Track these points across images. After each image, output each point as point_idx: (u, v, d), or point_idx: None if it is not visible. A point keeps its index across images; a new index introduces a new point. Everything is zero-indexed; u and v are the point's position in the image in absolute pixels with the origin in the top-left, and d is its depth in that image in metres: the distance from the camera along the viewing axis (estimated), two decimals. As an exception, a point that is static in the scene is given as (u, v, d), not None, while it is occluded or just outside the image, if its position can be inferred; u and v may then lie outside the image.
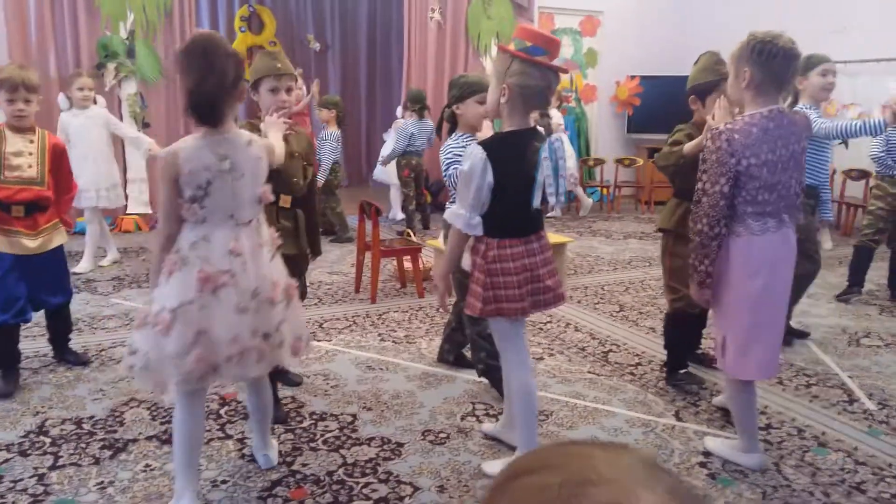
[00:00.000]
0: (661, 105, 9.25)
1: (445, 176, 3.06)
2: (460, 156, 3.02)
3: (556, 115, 7.32)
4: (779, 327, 2.51)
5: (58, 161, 3.19)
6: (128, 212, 6.97)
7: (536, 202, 2.30)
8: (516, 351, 2.46)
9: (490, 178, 2.24)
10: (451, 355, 3.51)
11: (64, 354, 3.48)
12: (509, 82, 2.27)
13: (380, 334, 4.00)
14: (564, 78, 7.14)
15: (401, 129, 6.67)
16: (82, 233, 5.53)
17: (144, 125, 6.74)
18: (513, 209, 2.31)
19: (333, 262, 5.75)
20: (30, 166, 3.06)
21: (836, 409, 3.10)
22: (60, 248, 3.27)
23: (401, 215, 6.94)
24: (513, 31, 8.60)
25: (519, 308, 2.33)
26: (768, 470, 2.57)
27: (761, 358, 2.45)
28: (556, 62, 2.27)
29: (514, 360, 2.45)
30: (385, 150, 7.16)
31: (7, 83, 2.96)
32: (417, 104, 6.64)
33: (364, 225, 4.84)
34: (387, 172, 7.17)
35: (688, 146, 2.92)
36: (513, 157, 2.27)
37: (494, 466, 2.53)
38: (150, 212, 6.90)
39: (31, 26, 6.49)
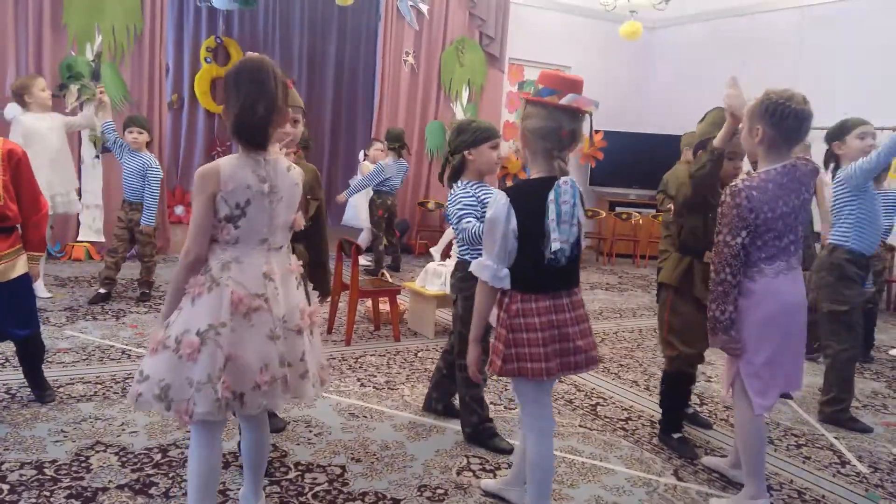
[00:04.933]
0: (624, 160, 9.42)
1: (456, 230, 2.94)
2: (471, 206, 2.91)
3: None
4: (797, 363, 2.60)
5: (15, 170, 2.81)
6: (79, 239, 6.64)
7: (548, 252, 2.11)
8: (539, 416, 2.28)
9: (514, 224, 2.11)
10: (440, 404, 3.35)
11: (37, 386, 3.18)
12: (522, 127, 2.22)
13: (359, 379, 3.82)
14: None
15: (377, 166, 6.54)
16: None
17: (104, 150, 6.45)
18: (537, 261, 2.14)
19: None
20: None
21: (830, 471, 3.07)
22: (22, 277, 2.93)
23: (368, 258, 6.76)
24: (484, 79, 8.71)
25: (543, 368, 2.15)
26: (777, 535, 2.50)
27: (777, 387, 2.55)
28: (577, 102, 2.15)
29: (535, 426, 2.28)
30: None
31: None
32: (397, 143, 6.55)
33: (341, 264, 4.69)
34: (357, 216, 6.99)
35: (717, 139, 2.73)
36: (533, 204, 2.13)
37: (500, 527, 2.38)
38: (102, 240, 6.58)
39: (-10, 41, 6.19)
